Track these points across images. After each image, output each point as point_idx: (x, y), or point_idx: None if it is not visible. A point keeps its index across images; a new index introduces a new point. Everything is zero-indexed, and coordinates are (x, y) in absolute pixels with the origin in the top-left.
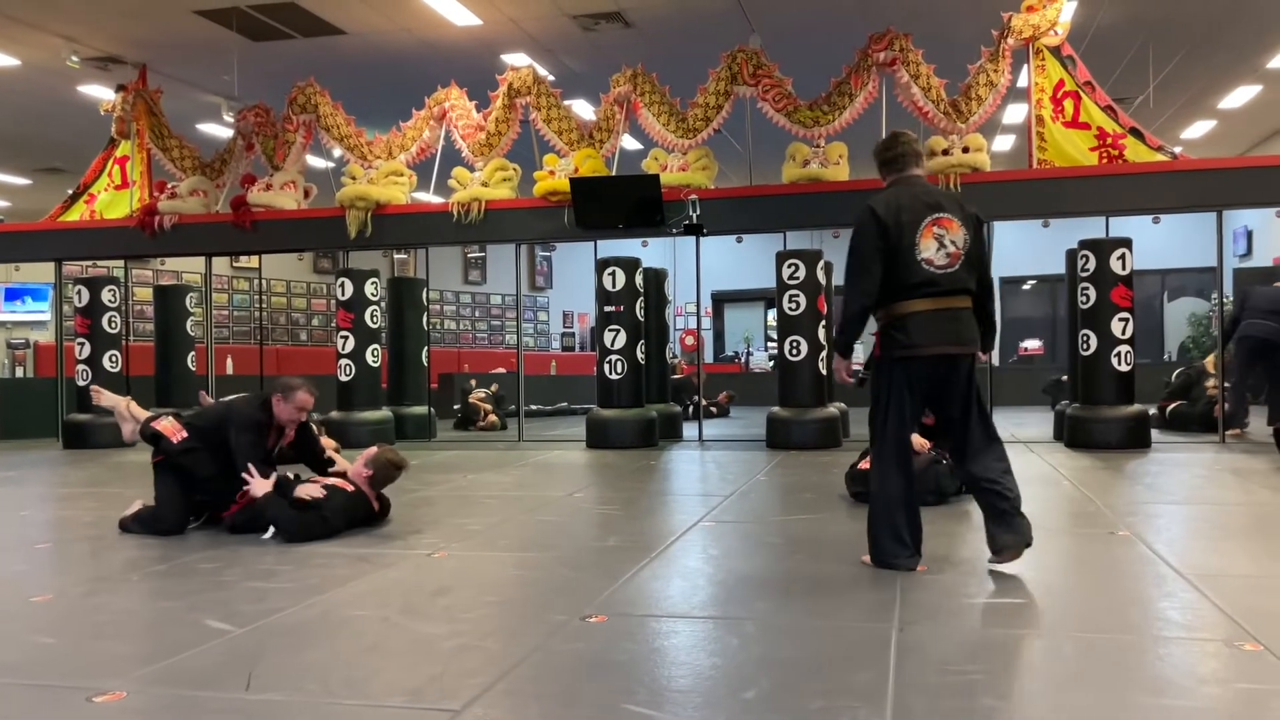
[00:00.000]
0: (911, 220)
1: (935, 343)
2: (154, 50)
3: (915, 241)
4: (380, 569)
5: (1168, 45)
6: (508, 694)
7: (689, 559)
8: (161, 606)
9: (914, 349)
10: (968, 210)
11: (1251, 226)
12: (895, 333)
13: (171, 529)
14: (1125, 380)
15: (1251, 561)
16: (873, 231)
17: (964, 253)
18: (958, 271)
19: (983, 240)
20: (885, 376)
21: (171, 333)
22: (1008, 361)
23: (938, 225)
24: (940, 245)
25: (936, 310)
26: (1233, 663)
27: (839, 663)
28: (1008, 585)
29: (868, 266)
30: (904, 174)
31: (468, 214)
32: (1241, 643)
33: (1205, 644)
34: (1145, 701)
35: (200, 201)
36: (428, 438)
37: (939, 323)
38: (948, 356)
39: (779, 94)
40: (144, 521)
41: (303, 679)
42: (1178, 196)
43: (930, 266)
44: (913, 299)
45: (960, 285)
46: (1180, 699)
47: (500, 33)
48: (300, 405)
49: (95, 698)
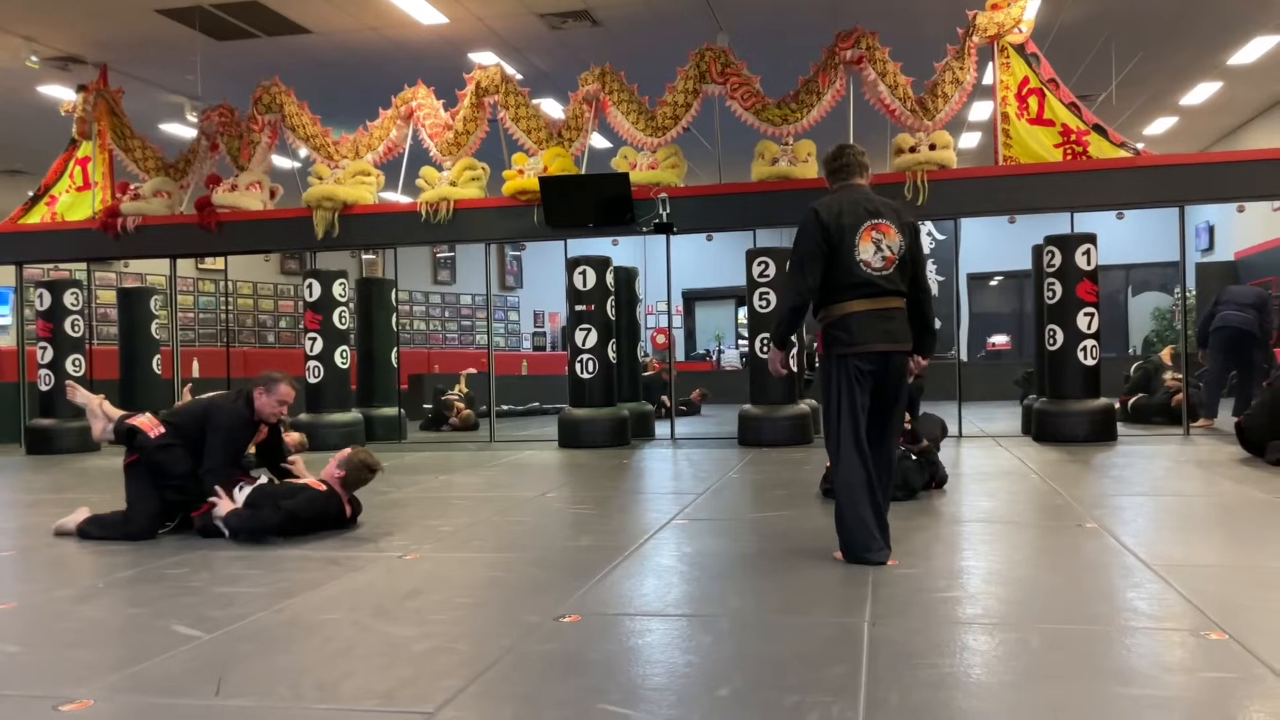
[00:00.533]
0: (852, 224)
1: (873, 340)
2: (115, 50)
3: (855, 244)
4: (351, 572)
5: (1130, 43)
6: (481, 696)
7: (662, 557)
8: (128, 613)
9: (855, 347)
10: (905, 219)
11: (1213, 221)
12: (837, 332)
13: (141, 533)
14: (1091, 374)
15: (1216, 552)
16: (815, 233)
17: (899, 257)
18: (892, 274)
19: (919, 247)
20: (832, 374)
21: (136, 336)
22: (976, 357)
23: (876, 230)
24: (877, 249)
25: (873, 310)
26: (1199, 652)
27: (812, 658)
28: (977, 579)
29: (808, 265)
30: (848, 182)
31: (436, 214)
32: (1207, 632)
33: (1172, 634)
34: (1114, 691)
35: (164, 203)
36: (398, 439)
37: (876, 322)
38: (884, 353)
39: (747, 92)
40: (110, 525)
41: (273, 684)
42: (1141, 192)
43: (868, 269)
44: (851, 299)
45: (894, 287)
46: (1148, 688)
47: (467, 31)
48: (282, 398)
49: (62, 706)
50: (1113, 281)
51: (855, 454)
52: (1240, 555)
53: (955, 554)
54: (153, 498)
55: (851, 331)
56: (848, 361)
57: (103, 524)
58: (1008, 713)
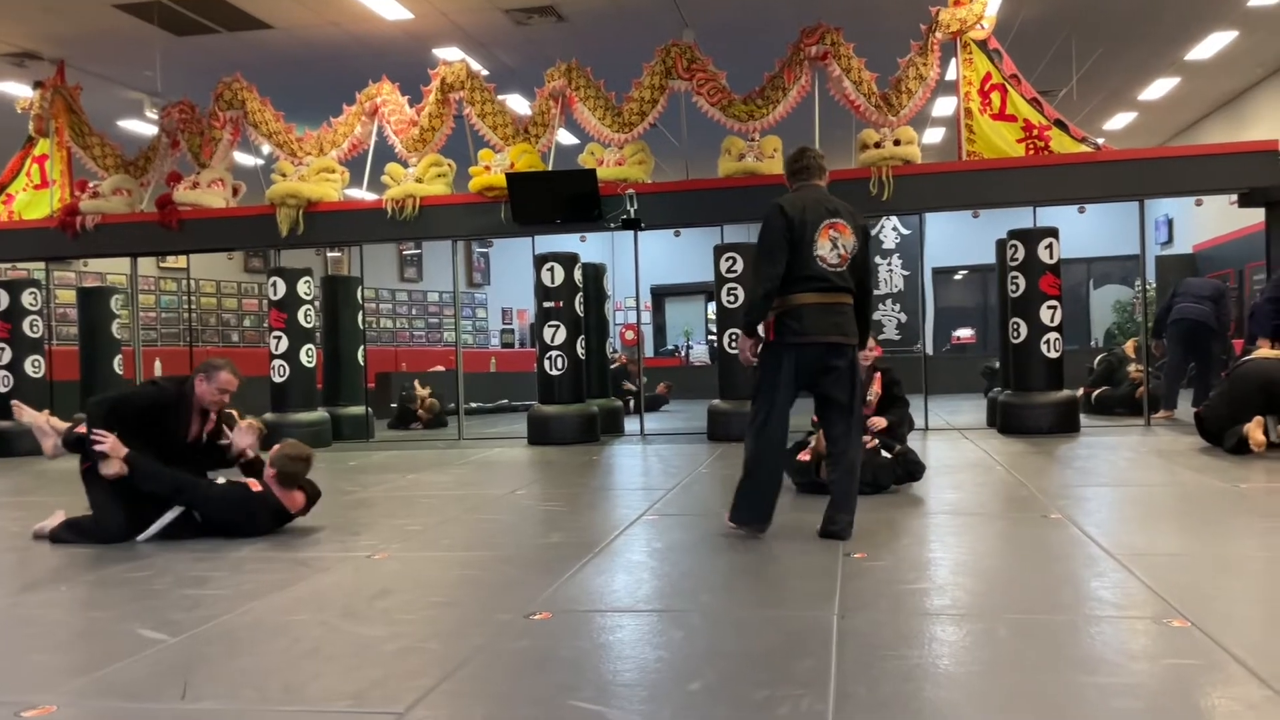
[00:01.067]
0: (813, 220)
1: (824, 332)
2: (72, 45)
3: (814, 240)
4: (318, 572)
5: (1090, 39)
6: (452, 695)
7: (633, 553)
8: (92, 616)
9: (806, 336)
10: (859, 221)
11: (1172, 215)
12: (790, 321)
13: (116, 535)
14: (1055, 366)
15: (1177, 540)
16: (780, 225)
17: (851, 256)
18: (844, 272)
19: (868, 249)
20: (775, 360)
21: (96, 336)
22: (941, 350)
23: (833, 229)
24: (834, 246)
25: (825, 304)
26: (1161, 639)
27: (782, 652)
28: (945, 571)
29: (775, 255)
30: (808, 183)
31: (402, 211)
32: (1169, 619)
33: (1135, 622)
34: (1079, 679)
35: (124, 201)
36: (365, 438)
37: (827, 315)
38: (834, 345)
39: (713, 88)
40: (84, 531)
41: (240, 686)
42: (1101, 186)
43: (823, 264)
44: (805, 292)
45: (845, 284)
46: (1112, 676)
47: (431, 26)
48: (222, 386)
49: (24, 712)
50: (1075, 275)
51: (770, 440)
52: (1201, 543)
53: (922, 546)
54: (116, 499)
55: (803, 321)
56: (794, 350)
57: (76, 529)
58: (976, 702)
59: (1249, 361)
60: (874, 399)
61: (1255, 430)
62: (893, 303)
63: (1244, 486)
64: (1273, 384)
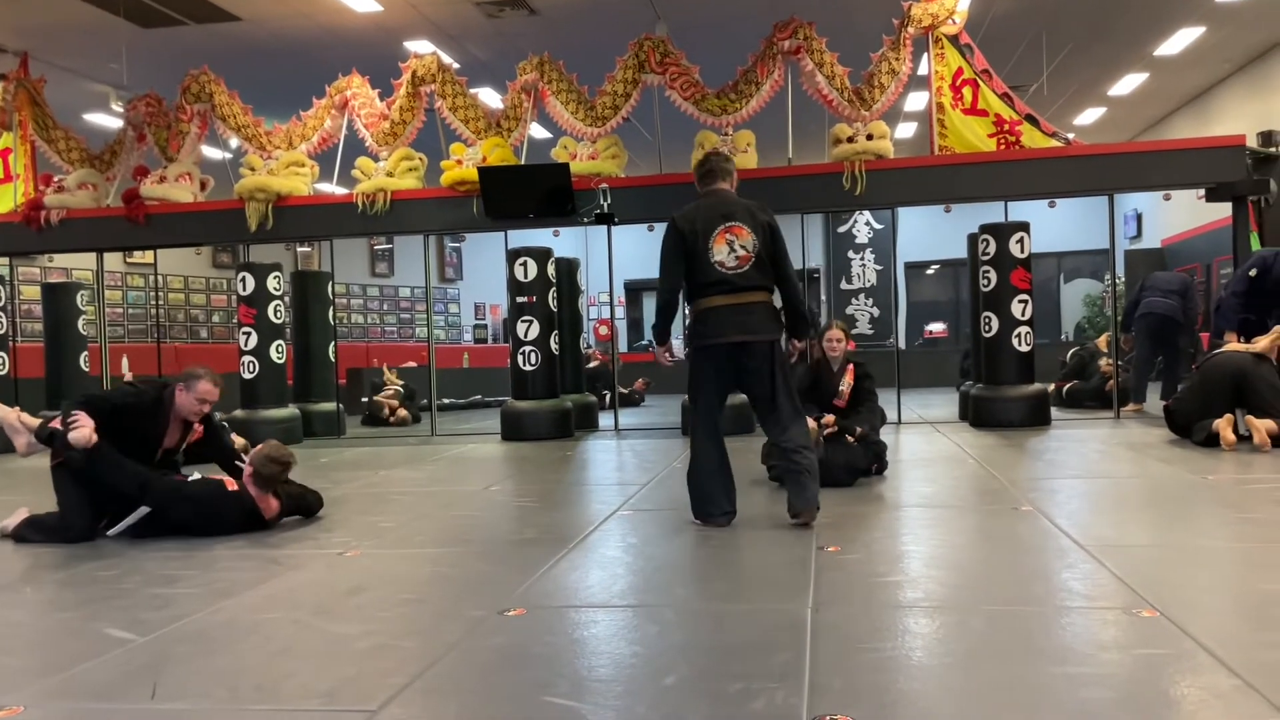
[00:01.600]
0: (705, 229)
1: (729, 333)
2: (36, 37)
3: (709, 247)
4: (291, 570)
5: (1060, 34)
6: (425, 692)
7: (607, 548)
8: (59, 617)
9: (711, 339)
10: (760, 218)
11: (1141, 209)
12: (699, 325)
13: (80, 535)
14: (1026, 360)
15: (1146, 532)
16: (673, 238)
17: (754, 255)
18: (749, 271)
19: (779, 243)
20: (695, 363)
21: (62, 332)
22: (914, 344)
23: (729, 233)
24: (730, 249)
25: (730, 305)
26: (1131, 629)
27: (756, 645)
28: (918, 563)
29: (670, 267)
30: (711, 187)
31: (373, 205)
32: (1139, 610)
33: (1105, 612)
34: (1050, 670)
35: (89, 195)
36: (336, 435)
37: (732, 315)
38: (743, 344)
39: (686, 82)
40: (48, 529)
41: (211, 686)
42: (1072, 181)
43: (722, 268)
44: (710, 296)
45: (751, 284)
46: (1083, 666)
47: (402, 19)
48: (201, 396)
49: None
50: (1045, 269)
51: (708, 436)
52: (1169, 535)
53: (896, 539)
54: (85, 497)
55: (709, 324)
56: (705, 352)
57: (40, 528)
58: (949, 694)
59: (1219, 355)
60: (846, 390)
61: (1225, 430)
62: (866, 297)
63: (1212, 478)
64: (1243, 376)
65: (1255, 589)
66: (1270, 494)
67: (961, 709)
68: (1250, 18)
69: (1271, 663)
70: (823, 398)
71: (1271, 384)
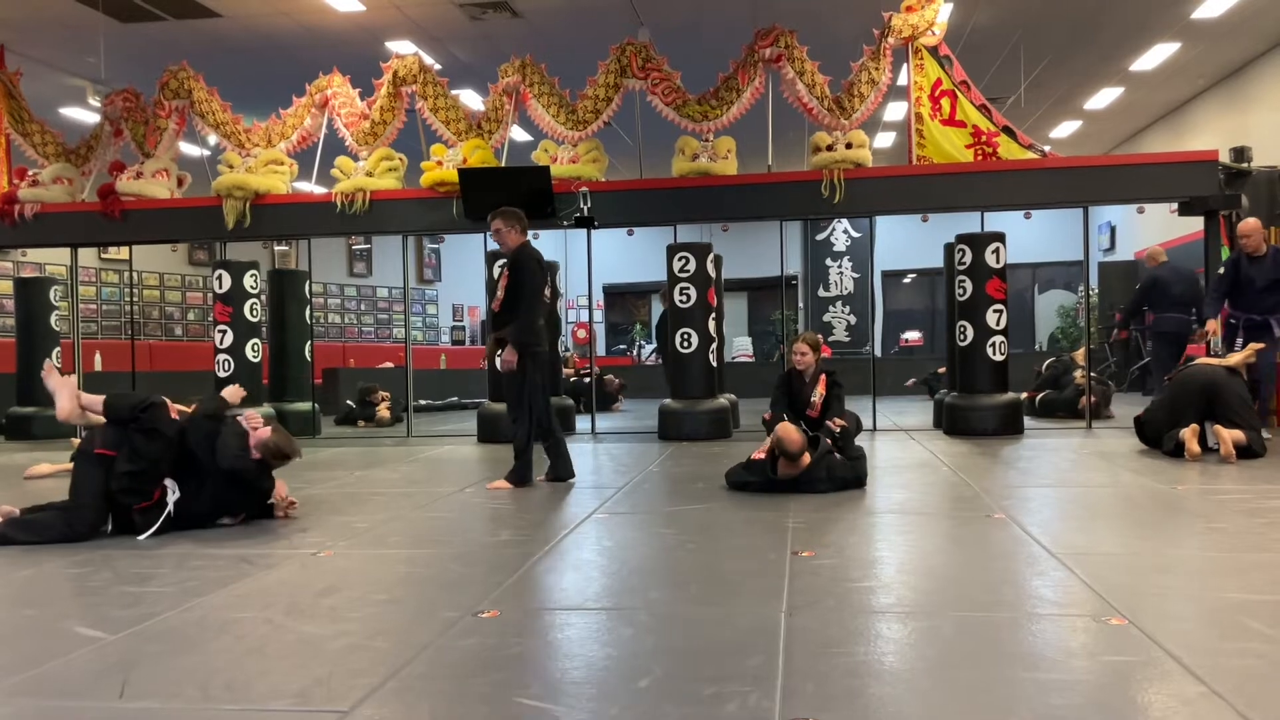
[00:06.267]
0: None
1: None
2: (13, 29)
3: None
4: (263, 569)
5: (1038, 48)
6: (398, 693)
7: (582, 551)
8: (25, 615)
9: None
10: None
11: (1114, 222)
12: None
13: (81, 535)
14: (1000, 369)
15: (1117, 540)
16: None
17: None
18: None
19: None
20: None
21: (34, 327)
22: (890, 352)
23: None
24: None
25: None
26: (1100, 637)
27: (730, 649)
28: (891, 569)
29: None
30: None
31: (352, 204)
32: (1108, 617)
33: (1075, 619)
34: (1020, 676)
35: (64, 190)
36: (312, 434)
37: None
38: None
39: (668, 87)
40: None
41: (181, 685)
42: (1047, 193)
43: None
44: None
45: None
46: (1052, 672)
47: (384, 19)
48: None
49: None
50: (1020, 279)
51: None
52: (1139, 543)
53: (869, 545)
54: (99, 498)
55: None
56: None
57: (30, 528)
58: (920, 698)
59: (1191, 367)
60: (819, 401)
61: (1191, 440)
62: (843, 304)
63: (1180, 488)
64: (1214, 388)
65: (1222, 597)
66: (1237, 504)
67: (932, 713)
68: (1224, 34)
69: (1237, 670)
70: (796, 407)
71: (1241, 397)
